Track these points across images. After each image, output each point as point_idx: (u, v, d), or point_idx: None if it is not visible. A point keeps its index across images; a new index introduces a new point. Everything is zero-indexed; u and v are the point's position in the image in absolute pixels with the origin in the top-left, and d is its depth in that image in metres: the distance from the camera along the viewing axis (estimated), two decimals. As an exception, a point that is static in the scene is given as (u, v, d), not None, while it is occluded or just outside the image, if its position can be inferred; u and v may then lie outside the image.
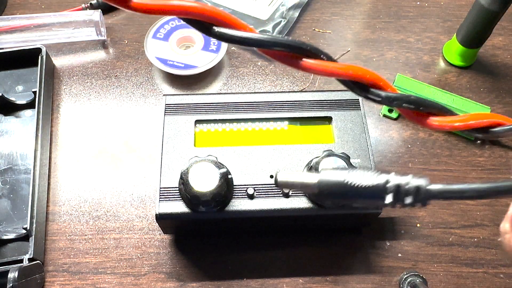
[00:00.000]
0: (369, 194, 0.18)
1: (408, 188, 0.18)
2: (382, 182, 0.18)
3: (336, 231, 0.40)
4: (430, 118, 0.25)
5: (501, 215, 0.42)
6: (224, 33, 0.21)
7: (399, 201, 0.18)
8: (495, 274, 0.39)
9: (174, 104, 0.40)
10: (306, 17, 0.54)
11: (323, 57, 0.23)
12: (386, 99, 0.23)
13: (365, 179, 0.18)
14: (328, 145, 0.38)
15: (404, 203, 0.18)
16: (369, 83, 0.24)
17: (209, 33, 0.22)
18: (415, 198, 0.18)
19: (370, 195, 0.18)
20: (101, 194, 0.42)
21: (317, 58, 0.23)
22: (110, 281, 0.38)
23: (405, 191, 0.18)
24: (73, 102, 0.48)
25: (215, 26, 0.22)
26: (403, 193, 0.18)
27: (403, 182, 0.18)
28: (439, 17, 0.55)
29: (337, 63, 0.24)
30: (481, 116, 0.28)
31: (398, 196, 0.18)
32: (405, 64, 0.51)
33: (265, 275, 0.38)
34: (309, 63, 0.23)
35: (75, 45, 0.52)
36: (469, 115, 0.29)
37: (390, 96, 0.24)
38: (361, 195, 0.19)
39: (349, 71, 0.24)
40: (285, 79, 0.49)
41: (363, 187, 0.18)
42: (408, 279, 0.37)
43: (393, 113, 0.47)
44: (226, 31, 0.22)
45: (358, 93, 0.24)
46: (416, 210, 0.41)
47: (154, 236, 0.40)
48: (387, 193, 0.18)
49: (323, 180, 0.19)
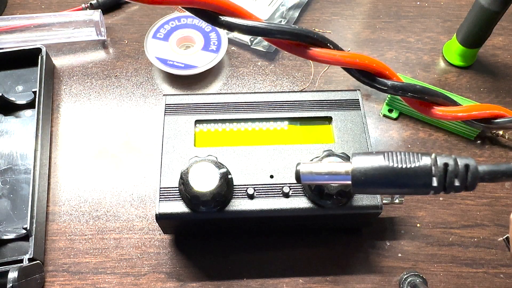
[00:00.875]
0: (413, 178, 0.16)
1: (456, 168, 0.16)
2: (428, 163, 0.16)
3: (336, 231, 0.40)
4: (434, 108, 0.25)
5: (501, 215, 0.42)
6: (230, 22, 0.21)
7: (446, 185, 0.16)
8: (495, 274, 0.39)
9: (174, 104, 0.40)
10: (306, 17, 0.54)
11: (330, 45, 0.23)
12: (392, 88, 0.23)
13: (407, 161, 0.16)
14: (328, 145, 0.38)
15: (452, 187, 0.16)
16: (375, 72, 0.24)
17: (216, 22, 0.22)
18: (464, 180, 0.16)
19: (415, 179, 0.16)
20: (101, 194, 0.42)
21: (324, 47, 0.23)
22: (110, 281, 0.38)
23: (453, 172, 0.16)
24: (73, 102, 0.48)
25: (221, 16, 0.22)
26: (452, 175, 0.16)
27: (450, 162, 0.16)
28: (439, 17, 0.55)
29: (343, 51, 0.23)
30: (484, 107, 0.28)
31: (446, 178, 0.16)
32: (405, 64, 0.51)
33: (265, 275, 0.38)
34: (317, 52, 0.22)
35: (75, 45, 0.52)
36: (471, 105, 0.29)
37: (396, 85, 0.23)
38: (404, 180, 0.16)
39: (356, 60, 0.23)
40: (285, 79, 0.49)
41: (407, 169, 0.16)
42: (408, 279, 0.37)
43: (393, 113, 0.47)
44: (232, 20, 0.21)
45: (364, 82, 0.24)
46: (417, 210, 0.42)
47: (154, 236, 0.40)
48: (434, 175, 0.16)
49: (357, 168, 0.16)
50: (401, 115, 0.47)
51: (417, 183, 0.16)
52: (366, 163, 0.16)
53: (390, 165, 0.16)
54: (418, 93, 0.24)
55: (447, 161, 0.16)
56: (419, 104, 0.25)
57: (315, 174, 0.16)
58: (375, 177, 0.16)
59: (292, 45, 0.22)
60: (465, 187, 0.16)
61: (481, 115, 0.28)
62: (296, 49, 0.23)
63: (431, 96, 0.25)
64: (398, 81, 0.24)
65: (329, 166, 0.17)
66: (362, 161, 0.16)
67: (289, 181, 0.36)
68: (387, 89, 0.24)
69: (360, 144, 0.38)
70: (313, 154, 0.37)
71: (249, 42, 0.51)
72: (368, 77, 0.24)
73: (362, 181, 0.16)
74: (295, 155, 0.37)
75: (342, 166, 0.17)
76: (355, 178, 0.16)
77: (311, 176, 0.16)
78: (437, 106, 0.26)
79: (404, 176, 0.16)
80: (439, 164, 0.16)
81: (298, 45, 0.22)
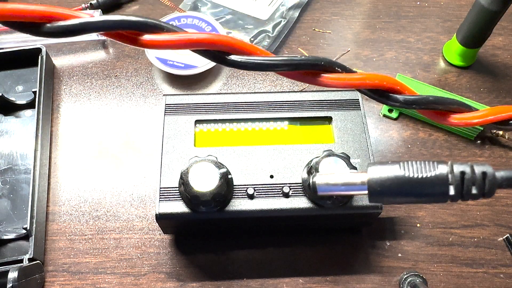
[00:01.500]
0: (430, 187, 0.16)
1: (473, 176, 0.16)
2: (445, 171, 0.16)
3: (336, 231, 0.40)
4: (450, 116, 0.25)
5: (501, 215, 0.42)
6: (237, 60, 0.21)
7: (464, 193, 0.16)
8: (495, 274, 0.39)
9: (174, 104, 0.40)
10: (306, 17, 0.54)
11: (338, 69, 0.23)
12: (405, 102, 0.23)
13: (423, 170, 0.16)
14: (328, 145, 0.38)
15: (469, 194, 0.16)
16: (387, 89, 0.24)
17: (223, 62, 0.22)
18: (481, 187, 0.16)
19: (431, 188, 0.16)
20: (101, 194, 0.42)
21: (333, 72, 0.23)
22: (110, 281, 0.38)
23: (470, 180, 0.16)
24: (73, 102, 0.48)
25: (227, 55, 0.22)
26: (469, 183, 0.16)
27: (467, 170, 0.16)
28: (439, 17, 0.55)
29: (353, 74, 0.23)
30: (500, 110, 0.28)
31: (463, 186, 0.16)
32: (405, 64, 0.51)
33: (265, 275, 0.38)
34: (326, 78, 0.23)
35: (75, 45, 0.52)
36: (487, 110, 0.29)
37: (408, 99, 0.23)
38: (421, 189, 0.16)
39: (366, 81, 0.24)
40: (285, 79, 0.49)
41: (423, 179, 0.16)
42: (408, 279, 0.37)
43: (393, 113, 0.47)
44: (238, 58, 0.21)
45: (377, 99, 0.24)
46: (417, 210, 0.41)
47: (154, 236, 0.40)
48: (451, 183, 0.16)
49: (373, 178, 0.16)
50: (401, 115, 0.47)
51: (434, 192, 0.16)
52: (382, 173, 0.16)
53: (406, 175, 0.16)
54: (431, 105, 0.24)
55: (464, 169, 0.16)
56: (435, 114, 0.25)
57: (331, 185, 0.17)
58: (392, 187, 0.16)
59: (301, 75, 0.23)
60: (482, 194, 0.16)
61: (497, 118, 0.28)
62: (305, 78, 0.23)
63: (445, 105, 0.25)
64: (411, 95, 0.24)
65: (345, 177, 0.17)
66: (378, 171, 0.17)
67: (289, 181, 0.36)
68: (400, 104, 0.24)
69: (360, 144, 0.38)
70: (313, 154, 0.37)
71: (249, 42, 0.51)
72: (380, 94, 0.24)
73: (379, 191, 0.16)
74: (295, 155, 0.37)
75: (358, 177, 0.17)
76: (371, 189, 0.16)
77: (328, 187, 0.17)
78: (453, 113, 0.26)
79: (420, 186, 0.16)
80: (456, 172, 0.16)
81: (307, 74, 0.23)
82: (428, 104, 0.24)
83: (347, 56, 0.51)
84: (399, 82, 0.25)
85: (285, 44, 0.52)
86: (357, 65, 0.51)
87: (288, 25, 0.53)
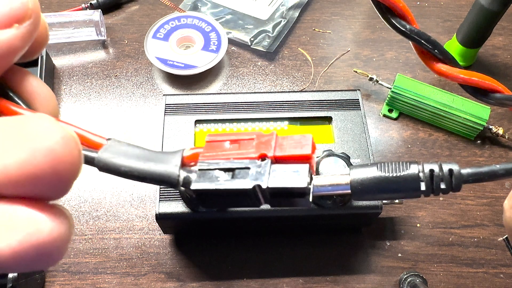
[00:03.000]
0: (404, 184, 0.18)
1: (441, 173, 0.18)
2: (416, 171, 0.18)
3: (336, 231, 0.40)
4: None
5: (501, 215, 0.42)
6: None
7: (434, 188, 0.18)
8: (495, 274, 0.39)
9: (174, 104, 0.40)
10: (306, 17, 0.55)
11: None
12: None
13: (397, 170, 0.19)
14: (328, 145, 0.38)
15: (439, 189, 0.18)
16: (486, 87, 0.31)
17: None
18: (449, 183, 0.18)
19: (405, 185, 0.18)
20: (101, 194, 0.42)
21: None
22: (110, 281, 0.38)
23: (439, 177, 0.18)
24: (73, 102, 0.48)
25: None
26: (438, 179, 0.18)
27: (435, 168, 0.18)
28: (439, 17, 0.55)
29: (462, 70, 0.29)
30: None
31: (432, 183, 0.18)
32: (405, 64, 0.51)
33: (265, 275, 0.38)
34: (439, 67, 0.31)
35: (75, 45, 0.52)
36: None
37: None
38: (396, 186, 0.19)
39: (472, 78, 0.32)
40: (285, 79, 0.49)
41: (398, 177, 0.18)
42: (408, 279, 0.37)
43: (393, 113, 0.47)
44: None
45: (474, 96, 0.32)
46: (417, 210, 0.42)
47: (154, 236, 0.40)
48: (422, 181, 0.18)
49: (355, 179, 0.19)
50: (401, 115, 0.47)
51: (408, 188, 0.19)
52: (362, 174, 0.19)
53: (383, 175, 0.19)
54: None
55: (432, 167, 0.18)
56: None
57: (320, 186, 0.19)
58: (371, 186, 0.19)
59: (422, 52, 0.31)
60: (451, 188, 0.19)
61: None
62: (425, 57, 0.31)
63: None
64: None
65: (332, 179, 0.19)
66: (359, 172, 0.19)
67: (289, 181, 0.36)
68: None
69: (360, 144, 0.38)
70: (313, 154, 0.37)
71: (249, 42, 0.51)
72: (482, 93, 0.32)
73: (359, 190, 0.19)
74: (295, 155, 0.37)
75: (342, 178, 0.19)
76: (353, 188, 0.19)
77: (317, 189, 0.19)
78: None
79: (395, 183, 0.19)
80: (426, 171, 0.18)
81: (425, 53, 0.31)
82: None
83: (347, 56, 0.51)
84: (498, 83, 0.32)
85: (285, 44, 0.52)
86: (357, 65, 0.51)
87: (288, 25, 0.53)
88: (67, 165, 0.12)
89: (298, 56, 0.51)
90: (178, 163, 0.17)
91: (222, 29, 0.50)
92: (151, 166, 0.16)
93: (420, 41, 0.31)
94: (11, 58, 0.14)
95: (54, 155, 0.12)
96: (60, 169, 0.12)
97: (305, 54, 0.51)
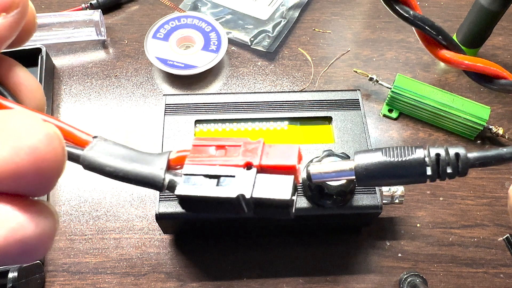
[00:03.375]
0: (410, 169, 0.18)
1: (447, 157, 0.18)
2: (422, 155, 0.18)
3: (336, 231, 0.40)
4: None
5: (501, 215, 0.42)
6: None
7: (440, 172, 0.18)
8: (495, 274, 0.39)
9: (174, 104, 0.40)
10: (306, 17, 0.55)
11: None
12: None
13: (403, 154, 0.18)
14: (328, 145, 0.38)
15: (445, 174, 0.18)
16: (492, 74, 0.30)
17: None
18: (456, 167, 0.18)
19: (411, 170, 0.18)
20: (101, 194, 0.42)
21: None
22: (110, 281, 0.38)
23: (445, 161, 0.18)
24: (73, 102, 0.48)
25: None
26: (444, 163, 0.18)
27: (442, 152, 0.18)
28: (439, 17, 0.55)
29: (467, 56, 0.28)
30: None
31: (438, 167, 0.18)
32: (405, 64, 0.51)
33: (265, 275, 0.38)
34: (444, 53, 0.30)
35: (75, 45, 0.52)
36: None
37: None
38: (402, 171, 0.18)
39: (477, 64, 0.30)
40: (285, 79, 0.49)
41: (403, 162, 0.18)
42: (408, 279, 0.37)
43: (393, 113, 0.47)
44: None
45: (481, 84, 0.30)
46: (417, 210, 0.42)
47: (154, 236, 0.40)
48: (428, 165, 0.18)
49: (359, 164, 0.18)
50: (401, 115, 0.47)
51: (413, 173, 0.18)
52: (366, 160, 0.18)
53: (388, 160, 0.18)
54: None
55: (439, 151, 0.18)
56: None
57: (323, 173, 0.18)
58: (376, 171, 0.18)
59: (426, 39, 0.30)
60: (457, 173, 0.18)
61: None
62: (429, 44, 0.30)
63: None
64: None
65: (335, 165, 0.19)
66: (363, 158, 0.18)
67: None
68: None
69: (360, 144, 0.38)
70: (313, 154, 0.37)
71: (249, 42, 0.51)
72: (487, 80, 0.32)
73: (364, 175, 0.18)
74: (295, 155, 0.37)
75: (346, 164, 0.19)
76: (358, 173, 0.18)
77: (320, 175, 0.18)
78: None
79: (401, 168, 0.18)
80: (432, 155, 0.18)
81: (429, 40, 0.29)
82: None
83: (347, 56, 0.51)
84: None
85: (285, 44, 0.52)
86: (357, 65, 0.51)
87: (288, 25, 0.53)
88: (50, 163, 0.12)
89: (298, 56, 0.51)
90: (163, 166, 0.17)
91: (222, 29, 0.50)
92: (136, 168, 0.16)
93: (424, 27, 0.31)
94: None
95: (37, 153, 0.12)
96: (43, 167, 0.12)
97: (305, 54, 0.51)
